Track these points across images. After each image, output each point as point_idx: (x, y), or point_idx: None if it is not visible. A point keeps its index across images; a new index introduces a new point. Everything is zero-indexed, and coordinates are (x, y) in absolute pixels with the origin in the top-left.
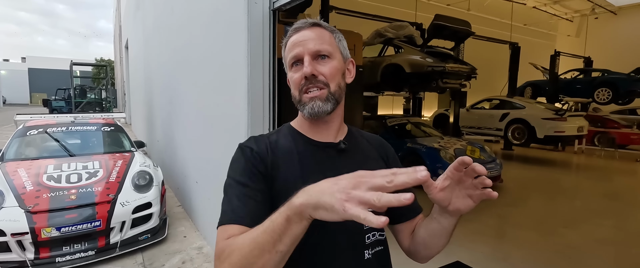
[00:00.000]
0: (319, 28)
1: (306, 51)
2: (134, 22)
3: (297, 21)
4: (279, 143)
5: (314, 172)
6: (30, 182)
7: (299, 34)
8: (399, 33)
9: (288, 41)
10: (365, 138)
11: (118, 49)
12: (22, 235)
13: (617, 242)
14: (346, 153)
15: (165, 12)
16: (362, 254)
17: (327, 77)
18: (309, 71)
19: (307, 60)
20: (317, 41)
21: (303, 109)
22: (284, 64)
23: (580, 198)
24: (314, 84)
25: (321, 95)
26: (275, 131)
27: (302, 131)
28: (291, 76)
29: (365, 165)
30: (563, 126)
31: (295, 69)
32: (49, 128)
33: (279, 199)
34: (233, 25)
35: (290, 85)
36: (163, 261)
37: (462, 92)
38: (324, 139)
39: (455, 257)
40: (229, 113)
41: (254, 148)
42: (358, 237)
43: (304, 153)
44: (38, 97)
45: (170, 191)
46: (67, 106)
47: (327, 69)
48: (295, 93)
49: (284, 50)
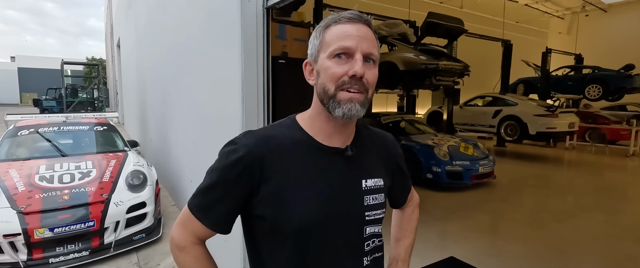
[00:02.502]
0: (370, 29)
1: (360, 48)
2: (126, 20)
3: (349, 10)
4: (280, 145)
5: (314, 180)
6: (22, 183)
7: (353, 26)
8: (393, 31)
9: (334, 26)
10: (372, 138)
11: (110, 47)
12: (14, 236)
13: (608, 236)
14: (351, 159)
15: (158, 11)
16: (361, 261)
17: (369, 83)
18: (361, 71)
19: (360, 58)
20: (371, 43)
21: (336, 106)
22: (312, 48)
23: (571, 193)
24: (357, 85)
25: (360, 98)
26: (278, 125)
27: (310, 131)
28: (329, 66)
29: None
30: (555, 122)
31: (338, 60)
32: (40, 128)
33: (271, 203)
34: (227, 24)
35: (321, 73)
36: (158, 260)
37: (456, 90)
38: (332, 143)
39: (449, 252)
40: (223, 112)
41: (242, 161)
42: (358, 244)
43: (306, 158)
44: (28, 97)
45: (165, 191)
46: (59, 106)
47: (372, 75)
48: (330, 87)
49: (323, 33)
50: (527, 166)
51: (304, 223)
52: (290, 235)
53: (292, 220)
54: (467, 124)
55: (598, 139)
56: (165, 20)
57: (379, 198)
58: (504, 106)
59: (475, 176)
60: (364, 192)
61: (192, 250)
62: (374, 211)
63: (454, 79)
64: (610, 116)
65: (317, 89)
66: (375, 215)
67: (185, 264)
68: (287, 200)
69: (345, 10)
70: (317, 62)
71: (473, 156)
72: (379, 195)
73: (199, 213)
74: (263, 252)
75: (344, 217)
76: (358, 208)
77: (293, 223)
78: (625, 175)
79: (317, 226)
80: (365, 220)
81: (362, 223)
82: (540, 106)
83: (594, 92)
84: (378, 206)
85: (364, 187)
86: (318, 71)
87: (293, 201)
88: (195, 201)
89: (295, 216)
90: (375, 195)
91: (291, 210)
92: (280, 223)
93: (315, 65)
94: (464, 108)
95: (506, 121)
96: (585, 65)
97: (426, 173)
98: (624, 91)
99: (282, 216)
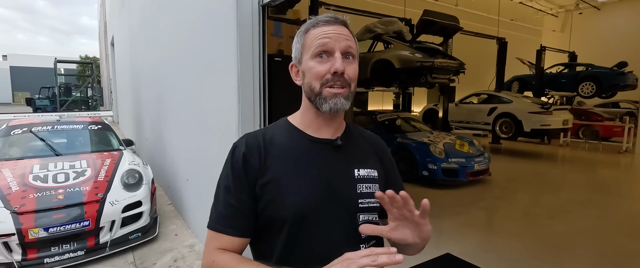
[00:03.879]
0: (346, 28)
1: (338, 46)
2: (119, 18)
3: (324, 14)
4: (273, 139)
5: (306, 167)
6: (15, 182)
7: (330, 27)
8: (388, 29)
9: (312, 29)
10: (362, 135)
11: (103, 46)
12: (8, 237)
13: (602, 232)
14: (341, 149)
15: (152, 9)
16: (358, 247)
17: (351, 78)
18: (341, 68)
19: (339, 56)
20: (349, 41)
21: (322, 103)
22: (295, 51)
23: (565, 189)
24: (339, 82)
25: (344, 93)
26: (271, 126)
27: (300, 126)
28: (313, 66)
29: (358, 160)
30: (549, 119)
31: (319, 60)
32: (33, 127)
33: (268, 193)
34: (222, 22)
35: (306, 73)
36: (154, 260)
37: (451, 87)
38: (322, 135)
39: (445, 249)
40: (220, 110)
41: (243, 150)
42: (353, 231)
43: (297, 149)
44: (21, 96)
45: (160, 190)
46: (52, 105)
47: (352, 70)
48: (315, 85)
49: (303, 37)
50: (522, 163)
51: (298, 208)
52: (287, 221)
53: (287, 207)
54: (463, 122)
55: (591, 136)
56: (159, 19)
57: (373, 188)
58: (499, 103)
59: (471, 174)
60: (357, 180)
61: (219, 256)
62: (367, 199)
63: (449, 77)
64: (604, 113)
65: (304, 88)
66: (369, 203)
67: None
68: (282, 188)
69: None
70: (301, 64)
71: (468, 154)
72: (372, 184)
73: (221, 225)
74: (262, 239)
75: (336, 202)
76: (350, 195)
77: (288, 209)
78: (618, 171)
79: (310, 211)
80: (358, 207)
81: (356, 209)
82: (534, 104)
83: (587, 90)
84: (373, 195)
85: (357, 175)
86: (303, 71)
87: (287, 189)
88: (213, 217)
89: (290, 202)
90: (369, 183)
91: (286, 196)
92: (277, 210)
93: (300, 66)
94: (459, 106)
95: (501, 118)
96: (578, 63)
97: (422, 170)
98: (617, 88)
99: (279, 204)
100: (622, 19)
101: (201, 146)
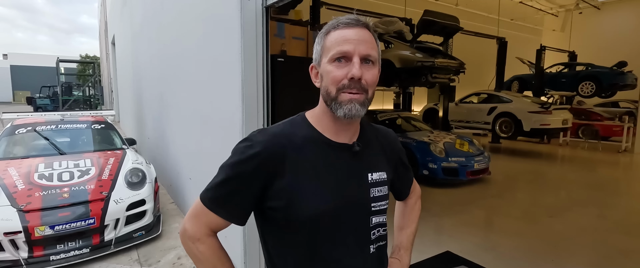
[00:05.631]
0: (368, 31)
1: (357, 51)
2: (120, 17)
3: (346, 16)
4: (293, 140)
5: (324, 172)
6: (21, 181)
7: (350, 31)
8: (389, 28)
9: (333, 31)
10: (375, 134)
11: (104, 45)
12: (15, 234)
13: (601, 230)
14: (357, 154)
15: (154, 8)
16: (368, 248)
17: (368, 83)
18: (358, 74)
19: (357, 61)
20: (369, 45)
21: (338, 107)
22: (316, 53)
23: (565, 188)
24: (356, 87)
25: (360, 98)
26: (289, 122)
27: (319, 128)
28: (330, 70)
29: (372, 164)
30: (548, 119)
31: (337, 64)
32: (38, 127)
33: (285, 198)
34: (225, 22)
35: (324, 77)
36: (158, 257)
37: (451, 87)
38: (340, 139)
39: (445, 247)
40: (223, 110)
41: (259, 149)
42: (365, 233)
43: (318, 154)
44: (21, 95)
45: (163, 189)
46: (53, 104)
47: (371, 76)
48: (332, 89)
49: (324, 39)
50: (522, 162)
51: (315, 213)
52: (304, 224)
53: (304, 211)
54: (463, 121)
55: (591, 135)
56: (162, 18)
57: (383, 190)
58: (499, 103)
59: (471, 173)
60: (370, 185)
61: (206, 241)
62: (379, 203)
63: (449, 77)
64: (603, 112)
65: (322, 91)
66: (380, 206)
67: (200, 255)
68: (300, 192)
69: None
70: (320, 67)
71: (468, 153)
72: (383, 187)
73: (214, 206)
74: (277, 240)
75: (352, 207)
76: (365, 199)
77: (305, 213)
78: (617, 171)
79: (327, 216)
80: (371, 210)
81: (369, 213)
82: (534, 103)
83: (587, 89)
84: (383, 198)
85: (370, 180)
86: (321, 74)
87: (305, 193)
88: (209, 195)
89: (307, 207)
90: (380, 187)
91: (304, 201)
92: (293, 214)
93: (319, 69)
94: (459, 105)
95: (501, 118)
96: (578, 62)
97: (422, 169)
98: (616, 87)
99: (296, 207)
100: (622, 19)
101: (204, 144)
